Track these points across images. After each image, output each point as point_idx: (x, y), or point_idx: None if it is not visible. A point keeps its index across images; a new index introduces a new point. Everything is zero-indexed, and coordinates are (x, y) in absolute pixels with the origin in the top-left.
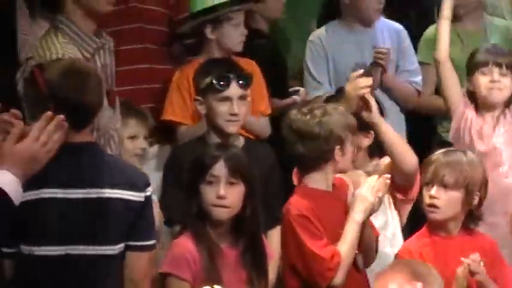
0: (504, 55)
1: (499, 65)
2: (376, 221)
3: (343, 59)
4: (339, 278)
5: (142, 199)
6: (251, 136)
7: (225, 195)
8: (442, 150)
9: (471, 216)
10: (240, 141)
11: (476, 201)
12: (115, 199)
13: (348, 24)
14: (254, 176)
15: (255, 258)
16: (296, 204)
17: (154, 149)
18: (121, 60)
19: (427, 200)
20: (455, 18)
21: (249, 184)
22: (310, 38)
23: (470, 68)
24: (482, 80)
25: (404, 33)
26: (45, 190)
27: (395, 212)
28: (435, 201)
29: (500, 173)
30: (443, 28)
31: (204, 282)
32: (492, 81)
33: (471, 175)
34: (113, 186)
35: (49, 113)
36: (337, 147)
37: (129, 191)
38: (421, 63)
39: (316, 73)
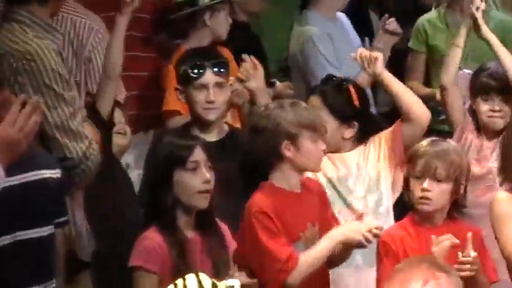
0: (505, 80)
1: (501, 93)
2: (371, 196)
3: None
4: (291, 282)
5: (59, 175)
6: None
7: (210, 179)
8: (427, 140)
9: (456, 205)
10: (224, 129)
11: (462, 190)
12: (45, 179)
13: (324, 14)
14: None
15: (220, 247)
16: (257, 200)
17: (140, 136)
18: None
19: (418, 193)
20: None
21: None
22: (313, 32)
23: (472, 90)
24: (483, 107)
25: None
26: None
27: (389, 188)
28: (428, 194)
29: (493, 196)
30: (454, 55)
31: (174, 274)
32: (493, 110)
33: (459, 165)
34: (41, 167)
35: (23, 96)
36: (285, 142)
37: (51, 169)
38: (411, 50)
39: (335, 62)
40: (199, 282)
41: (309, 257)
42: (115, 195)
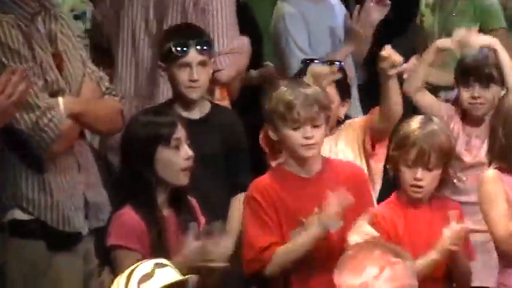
0: (486, 66)
1: (480, 80)
2: None
3: (315, 31)
4: (267, 274)
5: None
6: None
7: (192, 155)
8: (416, 122)
9: (441, 183)
10: (206, 107)
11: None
12: None
13: None
14: None
15: (191, 220)
16: (256, 183)
17: None
18: None
19: (410, 181)
20: None
21: None
22: (284, 11)
23: (456, 78)
24: (464, 95)
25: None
26: None
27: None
28: (420, 183)
29: None
30: (423, 69)
31: (153, 251)
32: (473, 97)
33: (449, 149)
34: None
35: (12, 67)
36: (269, 126)
37: None
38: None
39: (303, 43)
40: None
41: (287, 250)
42: None
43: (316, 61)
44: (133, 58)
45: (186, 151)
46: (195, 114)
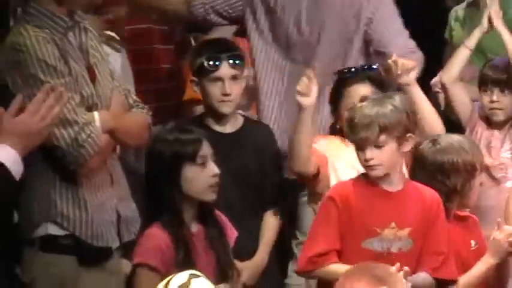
0: (505, 72)
1: (498, 84)
2: None
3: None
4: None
5: None
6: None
7: (218, 172)
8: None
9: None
10: (239, 121)
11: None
12: None
13: None
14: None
15: (220, 238)
16: (339, 186)
17: (156, 128)
18: (126, 41)
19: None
20: None
21: None
22: None
23: (478, 84)
24: (484, 99)
25: None
26: None
27: None
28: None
29: (502, 188)
30: (461, 54)
31: (179, 269)
32: (491, 101)
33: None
34: None
35: (48, 85)
36: None
37: None
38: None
39: None
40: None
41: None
42: None
43: None
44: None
45: (213, 168)
46: (228, 128)
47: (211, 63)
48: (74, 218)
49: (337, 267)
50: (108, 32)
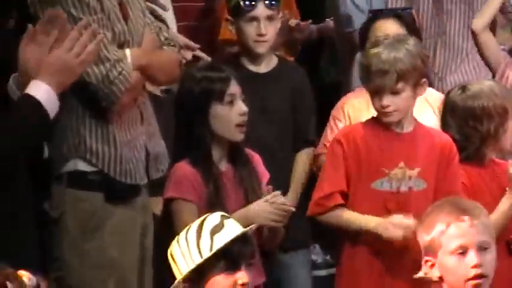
0: None
1: None
2: None
3: None
4: (321, 219)
5: None
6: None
7: (247, 111)
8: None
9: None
10: (274, 61)
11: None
12: None
13: None
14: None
15: (251, 177)
16: (347, 129)
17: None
18: None
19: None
20: None
21: None
22: None
23: None
24: None
25: None
26: None
27: None
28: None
29: None
30: (494, 3)
31: (209, 205)
32: None
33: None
34: None
35: (84, 21)
36: None
37: None
38: None
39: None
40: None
41: (342, 218)
42: None
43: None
44: None
45: (241, 107)
46: (262, 68)
47: (247, 3)
48: (103, 155)
49: (343, 213)
50: None
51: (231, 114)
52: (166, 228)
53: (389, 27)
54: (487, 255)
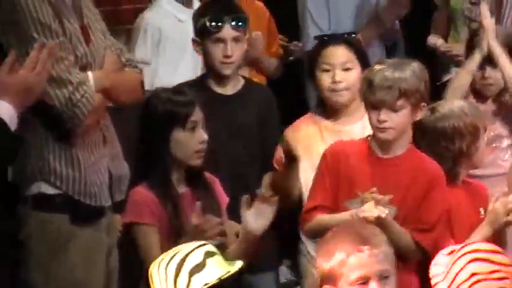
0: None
1: (490, 61)
2: None
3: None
4: (305, 230)
5: None
6: (260, 77)
7: (206, 138)
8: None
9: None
10: (240, 83)
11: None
12: None
13: None
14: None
15: (210, 200)
16: (335, 145)
17: None
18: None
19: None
20: None
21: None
22: None
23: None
24: (477, 75)
25: None
26: None
27: None
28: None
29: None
30: (463, 80)
31: (169, 229)
32: (483, 77)
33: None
34: None
35: (41, 42)
36: None
37: None
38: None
39: (317, 16)
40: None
41: (322, 221)
42: None
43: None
44: None
45: (201, 135)
46: (229, 90)
47: (213, 24)
48: (67, 177)
49: (321, 217)
50: None
51: (191, 141)
52: (127, 250)
53: (340, 53)
54: (388, 283)
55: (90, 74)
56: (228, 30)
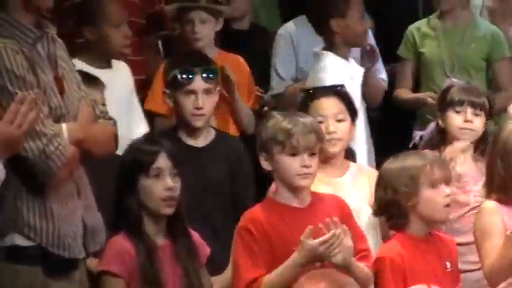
0: (478, 95)
1: (473, 105)
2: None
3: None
4: None
5: None
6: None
7: (173, 186)
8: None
9: None
10: (211, 134)
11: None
12: None
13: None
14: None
15: (190, 254)
16: (249, 215)
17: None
18: None
19: (446, 200)
20: (440, 14)
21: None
22: (279, 32)
23: (443, 105)
24: (456, 120)
25: (368, 31)
26: None
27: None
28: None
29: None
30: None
31: (142, 280)
32: (466, 121)
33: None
34: None
35: (21, 94)
36: (263, 154)
37: None
38: (400, 57)
39: (282, 69)
40: None
41: (272, 281)
42: None
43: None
44: None
45: (167, 182)
46: (200, 141)
47: (184, 76)
48: (40, 229)
49: (268, 278)
50: None
51: (156, 188)
52: None
53: (332, 104)
54: None
55: (64, 126)
56: (199, 82)
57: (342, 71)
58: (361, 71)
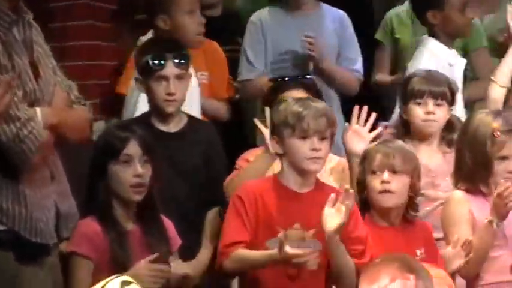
0: (439, 84)
1: (434, 96)
2: None
3: (283, 43)
4: (224, 268)
5: None
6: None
7: (142, 173)
8: (379, 141)
9: (411, 205)
10: (183, 120)
11: (418, 187)
12: None
13: (290, 8)
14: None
15: (160, 240)
16: (247, 185)
17: (100, 124)
18: (68, 36)
19: (379, 187)
20: None
21: (154, 166)
22: (251, 18)
23: (404, 96)
24: (417, 111)
25: (347, 20)
26: None
27: None
28: (387, 186)
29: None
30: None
31: (111, 263)
32: (427, 112)
33: (415, 161)
34: None
35: None
36: (274, 138)
37: None
38: (377, 41)
39: (252, 56)
40: None
41: (243, 256)
42: None
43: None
44: None
45: (136, 168)
46: (172, 127)
47: (156, 62)
48: (13, 214)
49: (241, 252)
50: None
51: (125, 174)
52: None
53: (299, 95)
54: None
55: (38, 110)
56: (170, 68)
57: (442, 57)
58: (463, 61)
